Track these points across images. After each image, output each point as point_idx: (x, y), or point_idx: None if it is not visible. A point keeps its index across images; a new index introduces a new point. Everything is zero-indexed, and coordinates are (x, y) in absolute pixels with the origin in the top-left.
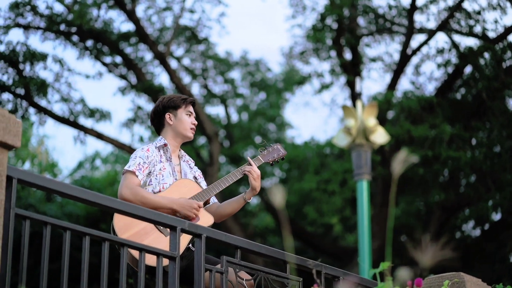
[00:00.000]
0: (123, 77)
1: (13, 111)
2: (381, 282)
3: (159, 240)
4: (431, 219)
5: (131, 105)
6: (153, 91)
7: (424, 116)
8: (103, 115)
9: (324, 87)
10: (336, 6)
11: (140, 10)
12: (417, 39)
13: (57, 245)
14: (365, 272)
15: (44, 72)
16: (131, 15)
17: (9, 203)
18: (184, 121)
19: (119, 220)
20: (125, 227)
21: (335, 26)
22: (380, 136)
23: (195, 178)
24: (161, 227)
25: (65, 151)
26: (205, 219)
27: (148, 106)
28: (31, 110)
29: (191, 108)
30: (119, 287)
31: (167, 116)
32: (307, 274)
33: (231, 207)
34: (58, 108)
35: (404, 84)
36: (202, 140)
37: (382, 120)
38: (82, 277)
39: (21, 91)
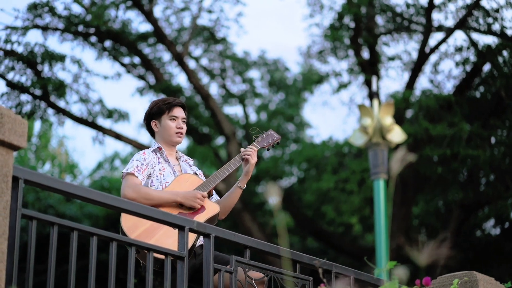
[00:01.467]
0: (141, 77)
1: (32, 112)
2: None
3: (169, 234)
4: (450, 218)
5: None
6: (171, 92)
7: (443, 115)
8: (122, 116)
9: (342, 86)
10: (353, 5)
11: (158, 11)
12: (435, 38)
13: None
14: (382, 267)
15: (62, 73)
16: (149, 16)
17: (16, 203)
18: (167, 127)
19: (127, 220)
20: (134, 226)
21: (352, 25)
22: (397, 135)
23: (195, 173)
24: None
25: (85, 152)
26: (211, 208)
27: None
28: (50, 111)
29: (176, 112)
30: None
31: (152, 123)
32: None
33: (230, 199)
34: (77, 109)
35: (423, 82)
36: (220, 140)
37: (400, 118)
38: (89, 277)
39: (39, 92)
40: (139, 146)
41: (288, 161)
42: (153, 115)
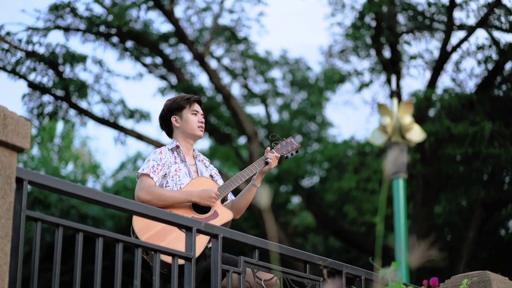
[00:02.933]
0: (163, 77)
1: (54, 113)
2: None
3: (180, 238)
4: (473, 217)
5: None
6: (192, 92)
7: (465, 113)
8: (143, 116)
9: (364, 85)
10: (374, 3)
11: (179, 11)
12: (456, 36)
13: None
14: (402, 269)
15: (84, 73)
16: (170, 16)
17: (20, 205)
18: (190, 121)
19: (138, 222)
20: (146, 228)
21: (374, 24)
22: (416, 134)
23: (211, 176)
24: None
25: (107, 152)
26: (224, 215)
27: None
28: (72, 112)
29: (196, 107)
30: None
31: (173, 119)
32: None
33: (245, 198)
34: (98, 109)
35: (445, 81)
36: (242, 140)
37: (422, 117)
38: (95, 279)
39: (61, 93)
40: (161, 146)
41: (310, 160)
42: (173, 110)
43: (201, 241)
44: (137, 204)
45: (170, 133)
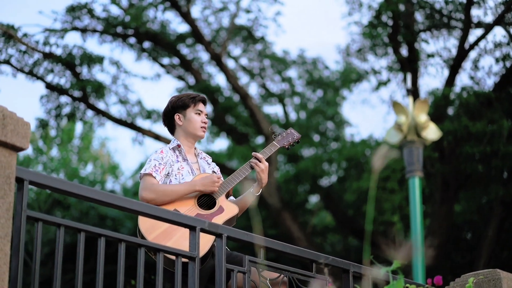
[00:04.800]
0: (180, 78)
1: (72, 114)
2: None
3: (187, 235)
4: (492, 215)
5: None
6: (210, 92)
7: (483, 112)
8: (160, 116)
9: (381, 84)
10: (391, 2)
11: (196, 11)
12: (474, 34)
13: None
14: (418, 268)
15: (101, 74)
16: (186, 16)
17: (21, 205)
18: (193, 120)
19: (144, 222)
20: (152, 228)
21: (390, 22)
22: (432, 132)
23: (214, 172)
24: None
25: (126, 152)
26: (230, 209)
27: (206, 107)
28: (89, 113)
29: (200, 106)
30: (138, 286)
31: (176, 117)
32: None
33: (243, 202)
34: (116, 110)
35: (464, 79)
36: (259, 139)
37: (440, 116)
38: (97, 279)
39: (78, 94)
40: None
41: (328, 160)
42: (177, 108)
43: (209, 238)
44: (140, 204)
45: (172, 130)
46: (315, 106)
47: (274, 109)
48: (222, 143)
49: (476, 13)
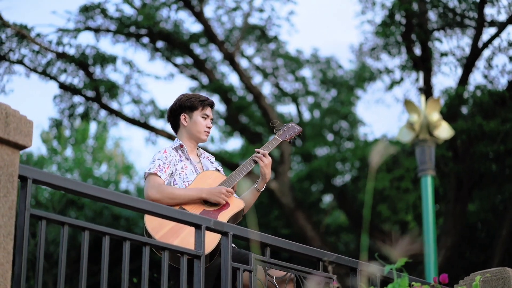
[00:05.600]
0: (194, 77)
1: (85, 114)
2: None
3: (193, 234)
4: (506, 214)
5: None
6: (223, 91)
7: (497, 110)
8: None
9: (395, 83)
10: (404, 1)
11: (209, 11)
12: (488, 32)
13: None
14: (430, 267)
15: (114, 74)
16: (199, 16)
17: (24, 203)
18: (198, 123)
19: (151, 221)
20: (159, 227)
21: (404, 21)
22: (444, 131)
23: (217, 171)
24: None
25: (140, 152)
26: (236, 204)
27: (220, 106)
28: (103, 112)
29: (208, 111)
30: (142, 284)
31: (182, 117)
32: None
33: (248, 200)
34: (129, 110)
35: (478, 78)
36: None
37: (453, 115)
38: (101, 276)
39: (91, 93)
40: None
41: (342, 159)
42: (184, 108)
43: (216, 236)
44: (146, 202)
45: (175, 129)
46: (329, 105)
47: (287, 109)
48: (236, 143)
49: (489, 11)
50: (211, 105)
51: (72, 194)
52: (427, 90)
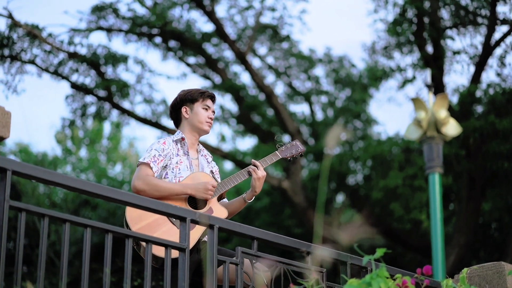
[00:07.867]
0: (206, 77)
1: (97, 113)
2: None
3: (171, 232)
4: None
5: None
6: (235, 90)
7: (509, 108)
8: None
9: (407, 81)
10: None
11: (221, 10)
12: (500, 30)
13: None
14: (438, 263)
15: (125, 74)
16: (211, 15)
17: (3, 195)
18: (199, 114)
19: (132, 212)
20: (138, 218)
21: (416, 19)
22: (452, 128)
23: (211, 172)
24: (174, 219)
25: None
26: (219, 212)
27: (232, 106)
28: (115, 112)
29: (208, 102)
30: (125, 278)
31: (183, 109)
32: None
33: (233, 207)
34: (141, 109)
35: (490, 76)
36: (285, 138)
37: (466, 113)
38: (83, 267)
39: (103, 93)
40: (204, 145)
41: (354, 158)
42: (185, 101)
43: (194, 236)
44: (130, 195)
45: (178, 123)
46: (342, 104)
47: (300, 108)
48: (249, 142)
49: (502, 9)
50: (211, 97)
51: (57, 187)
52: (439, 88)
